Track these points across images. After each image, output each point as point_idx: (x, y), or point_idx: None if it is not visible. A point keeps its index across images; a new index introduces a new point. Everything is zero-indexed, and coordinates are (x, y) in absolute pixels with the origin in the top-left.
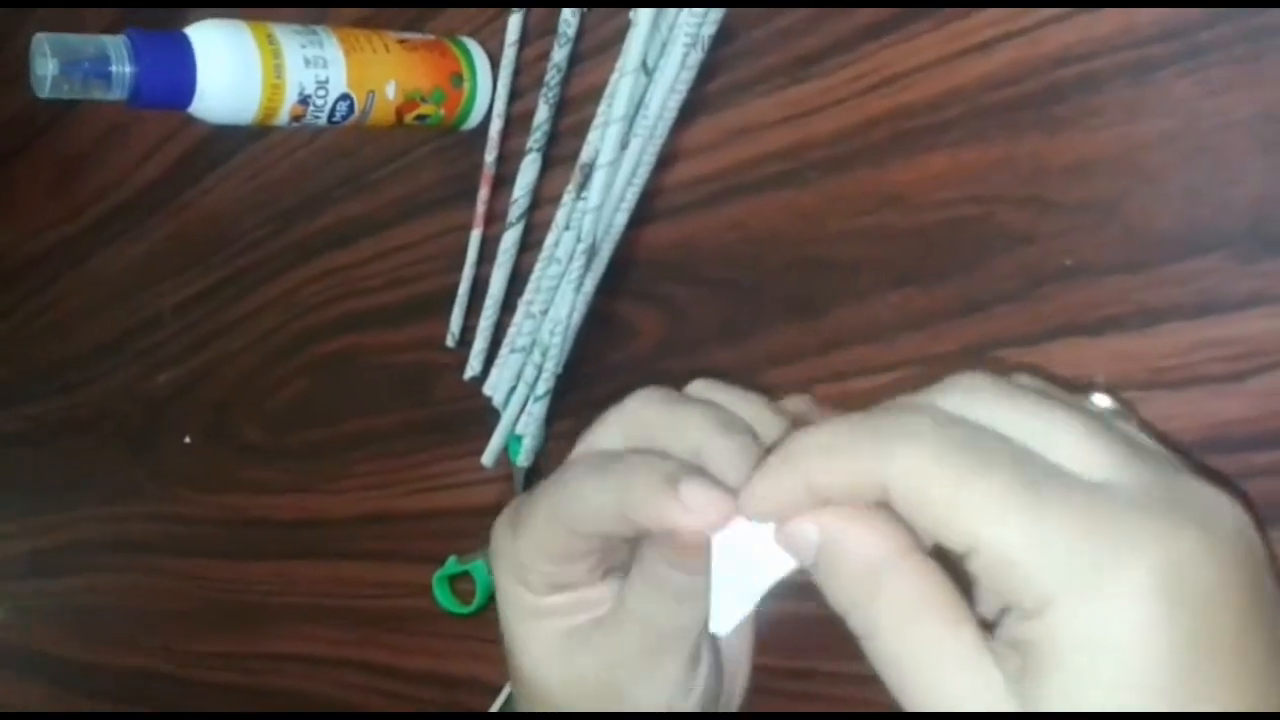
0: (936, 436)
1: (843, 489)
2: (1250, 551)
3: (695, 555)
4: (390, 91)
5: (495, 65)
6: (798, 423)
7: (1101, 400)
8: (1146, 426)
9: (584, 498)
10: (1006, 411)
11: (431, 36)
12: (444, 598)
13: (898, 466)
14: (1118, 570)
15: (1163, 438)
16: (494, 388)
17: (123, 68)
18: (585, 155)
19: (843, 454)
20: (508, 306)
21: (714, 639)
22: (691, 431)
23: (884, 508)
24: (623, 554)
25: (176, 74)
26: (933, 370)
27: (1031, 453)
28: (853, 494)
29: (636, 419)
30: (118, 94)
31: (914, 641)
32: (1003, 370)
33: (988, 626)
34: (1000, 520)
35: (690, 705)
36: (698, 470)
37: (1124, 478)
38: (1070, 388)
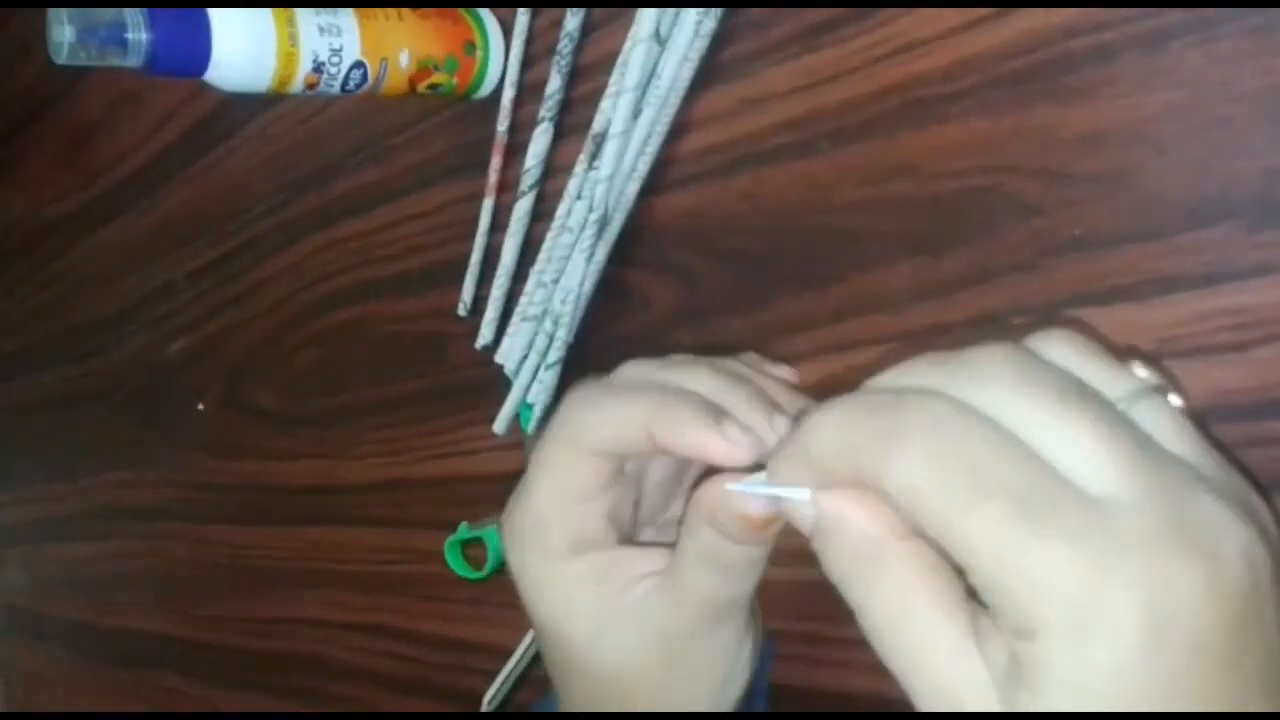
0: (936, 451)
1: (847, 482)
2: (1252, 578)
3: (767, 529)
4: (403, 60)
5: (508, 33)
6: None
7: (1140, 372)
8: (1186, 405)
9: (612, 411)
10: (1020, 410)
11: (444, 5)
12: (456, 563)
13: (894, 482)
14: (1103, 609)
15: (1195, 417)
16: (506, 356)
17: (139, 35)
18: (597, 125)
19: (846, 454)
20: (520, 275)
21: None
22: (704, 381)
23: None
24: (626, 512)
25: (192, 41)
26: (944, 340)
27: (1037, 461)
28: (857, 487)
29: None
30: (134, 61)
31: (904, 627)
32: (1036, 326)
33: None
34: (992, 550)
35: (742, 665)
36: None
37: (1129, 494)
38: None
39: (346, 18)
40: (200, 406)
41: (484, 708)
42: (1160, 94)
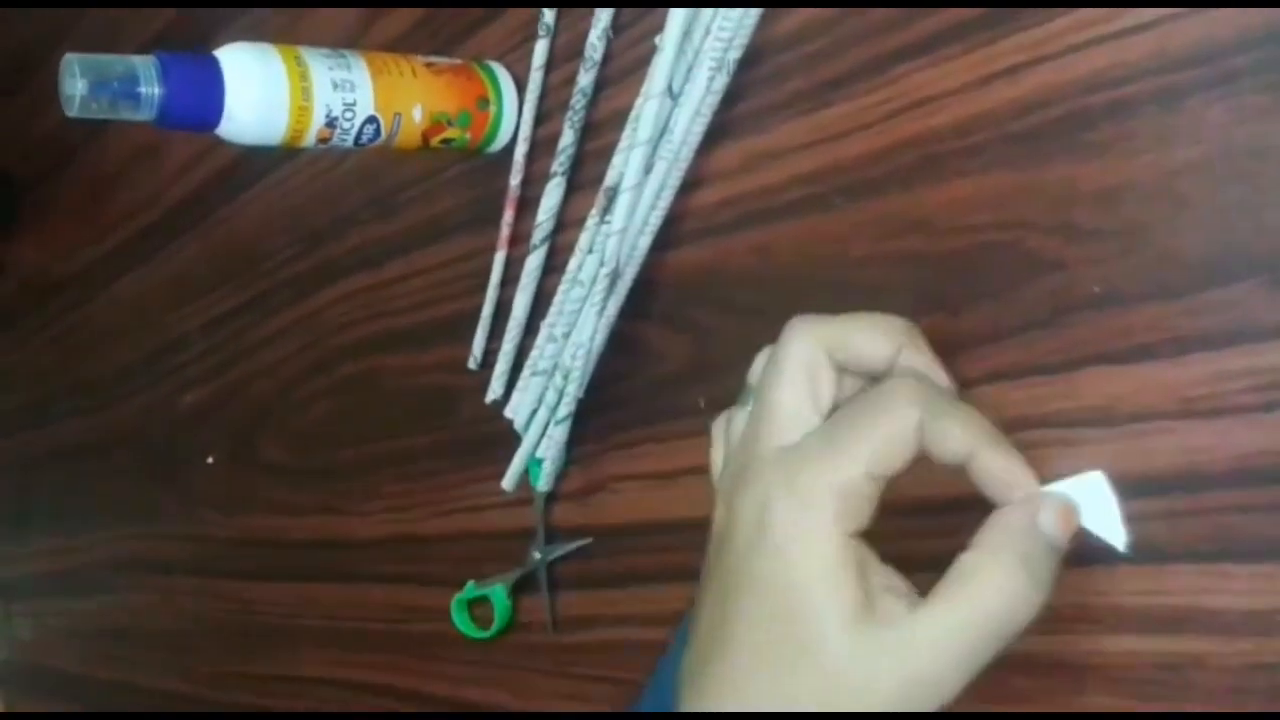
0: None
1: None
2: None
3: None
4: (417, 114)
5: (521, 89)
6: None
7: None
8: None
9: (942, 432)
10: None
11: (458, 60)
12: (462, 622)
13: None
14: None
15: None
16: (515, 410)
17: (151, 89)
18: (609, 179)
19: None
20: (530, 330)
21: None
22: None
23: None
24: None
25: (205, 95)
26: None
27: None
28: None
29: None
30: (146, 114)
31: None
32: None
33: None
34: None
35: None
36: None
37: None
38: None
39: (360, 72)
40: (210, 460)
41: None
42: (1179, 150)
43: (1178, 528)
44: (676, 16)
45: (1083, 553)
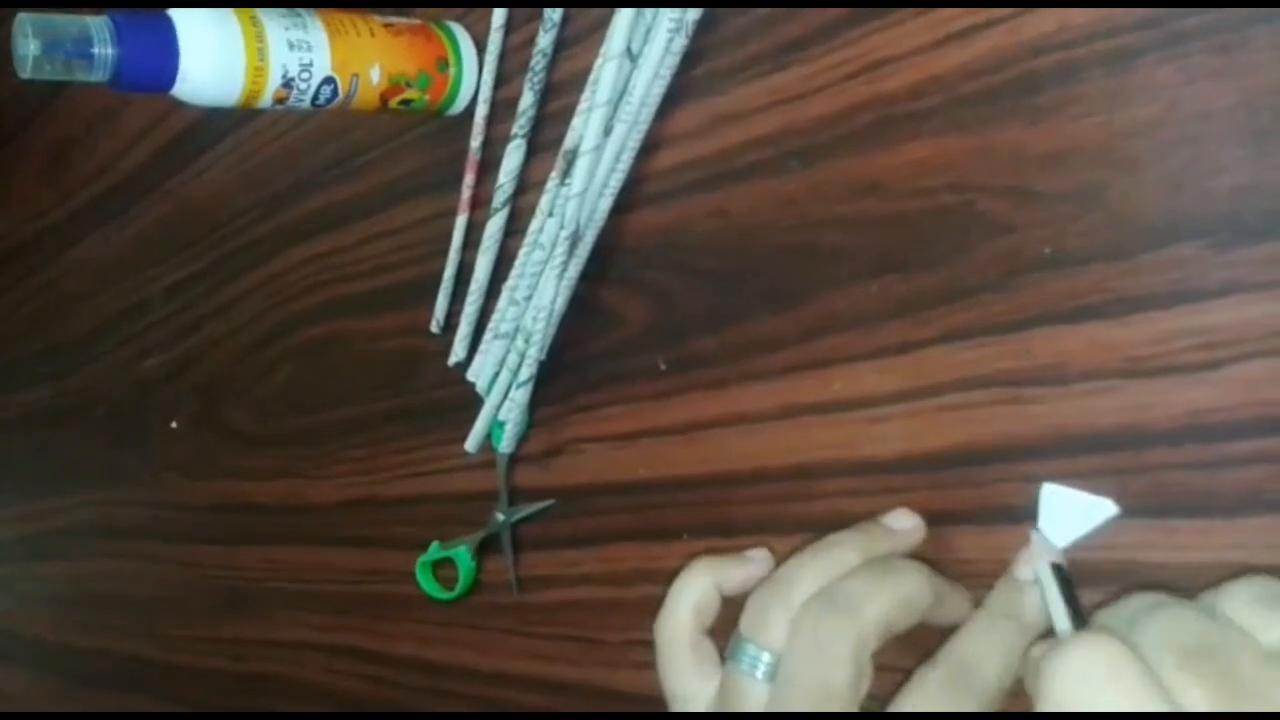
0: None
1: None
2: None
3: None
4: (375, 76)
5: (481, 50)
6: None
7: None
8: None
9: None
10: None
11: (417, 20)
12: (427, 583)
13: None
14: None
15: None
16: (477, 374)
17: (105, 49)
18: (569, 141)
19: None
20: (492, 292)
21: None
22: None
23: None
24: None
25: (159, 56)
26: (912, 359)
27: None
28: None
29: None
30: (100, 75)
31: None
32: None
33: None
34: None
35: None
36: None
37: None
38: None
39: (317, 32)
40: (173, 425)
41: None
42: (1128, 112)
43: (1125, 484)
44: None
45: (1024, 510)
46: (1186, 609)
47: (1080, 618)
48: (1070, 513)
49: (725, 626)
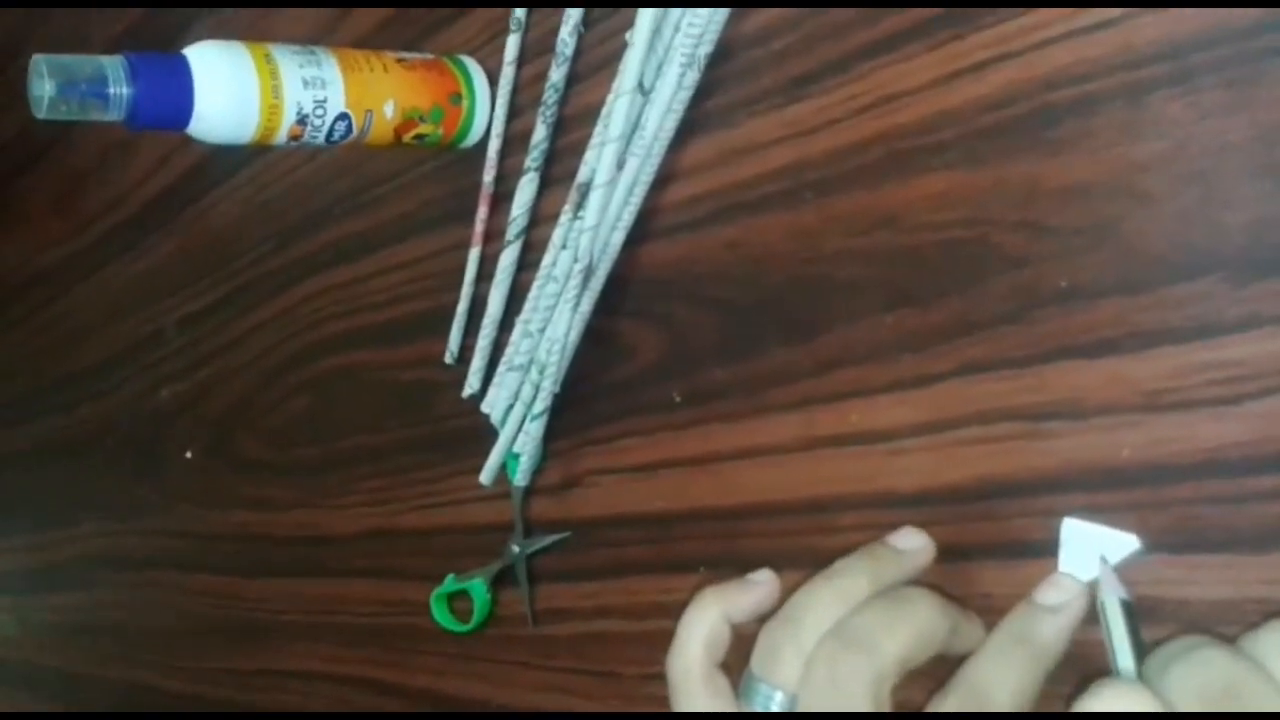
0: None
1: None
2: None
3: None
4: (389, 111)
5: (494, 84)
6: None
7: None
8: None
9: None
10: None
11: (430, 56)
12: (442, 616)
13: None
14: None
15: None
16: (492, 405)
17: (120, 89)
18: (582, 175)
19: None
20: (506, 325)
21: None
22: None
23: None
24: None
25: (174, 95)
26: (928, 392)
27: None
28: None
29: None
30: (115, 115)
31: None
32: None
33: None
34: None
35: None
36: None
37: None
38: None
39: (330, 69)
40: (188, 455)
41: None
42: (1143, 146)
43: (1145, 520)
44: (646, 13)
45: (1045, 544)
46: (1218, 651)
47: (1142, 654)
48: (1091, 547)
49: (738, 652)
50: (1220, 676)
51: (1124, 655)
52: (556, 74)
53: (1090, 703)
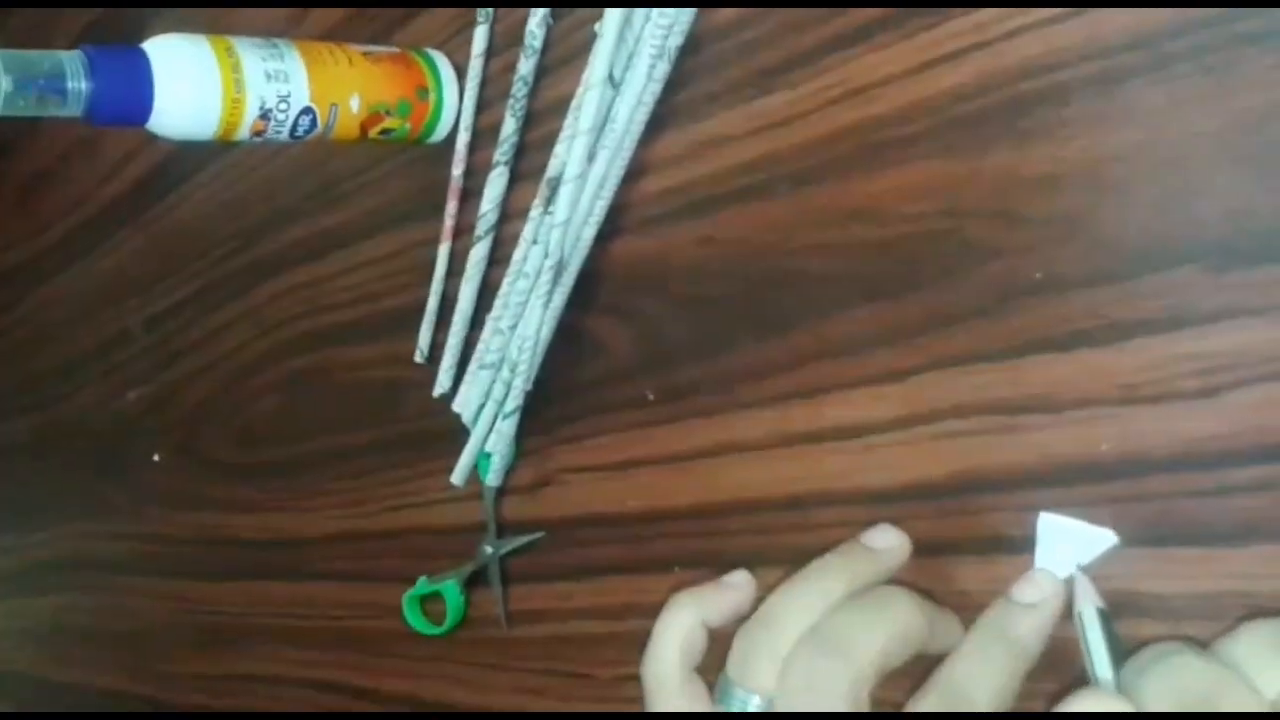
0: None
1: None
2: None
3: None
4: (354, 105)
5: (461, 77)
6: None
7: None
8: None
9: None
10: None
11: (396, 49)
12: (414, 618)
13: None
14: None
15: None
16: (463, 404)
17: (78, 84)
18: (552, 169)
19: None
20: (476, 322)
21: None
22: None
23: None
24: None
25: (133, 89)
26: (904, 386)
27: None
28: None
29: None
30: (74, 110)
31: None
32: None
33: None
34: None
35: None
36: None
37: None
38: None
39: (294, 62)
40: (156, 458)
41: None
42: (1117, 134)
43: (1122, 514)
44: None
45: (1022, 540)
46: (1194, 658)
47: (1120, 661)
48: (1068, 542)
49: (714, 654)
50: (1196, 683)
51: (1101, 664)
52: (525, 66)
53: (1068, 710)
